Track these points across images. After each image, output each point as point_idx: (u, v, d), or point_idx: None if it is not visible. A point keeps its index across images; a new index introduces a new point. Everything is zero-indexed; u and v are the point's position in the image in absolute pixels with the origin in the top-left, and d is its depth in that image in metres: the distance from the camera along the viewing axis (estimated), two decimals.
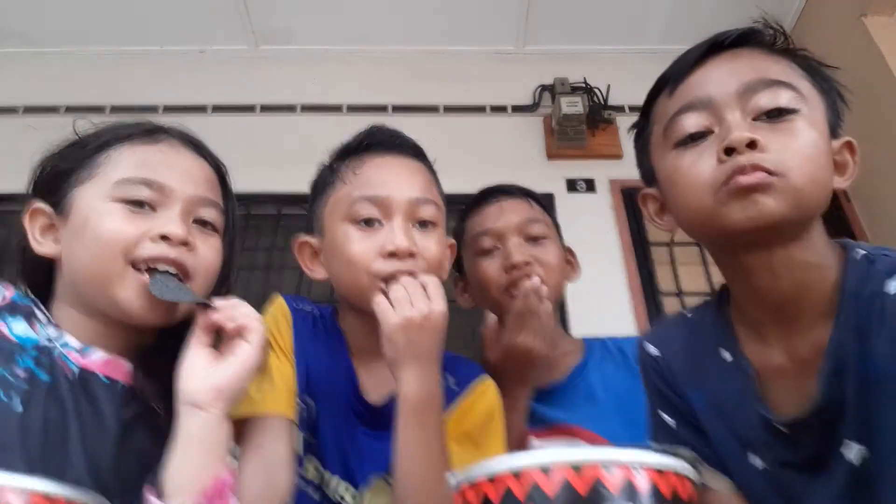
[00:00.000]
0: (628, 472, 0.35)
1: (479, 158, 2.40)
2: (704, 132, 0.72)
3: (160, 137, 0.86)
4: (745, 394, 0.76)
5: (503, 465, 0.37)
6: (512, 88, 2.72)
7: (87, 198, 0.80)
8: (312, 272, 1.02)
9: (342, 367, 0.99)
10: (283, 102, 2.65)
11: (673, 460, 0.36)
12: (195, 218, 0.83)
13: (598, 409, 1.14)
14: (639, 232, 2.37)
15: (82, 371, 0.77)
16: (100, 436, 0.75)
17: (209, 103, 2.61)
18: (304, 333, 1.00)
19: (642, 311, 2.17)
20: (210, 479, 0.66)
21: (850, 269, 0.71)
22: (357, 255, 0.92)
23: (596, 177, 2.47)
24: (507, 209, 1.23)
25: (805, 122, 0.70)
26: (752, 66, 0.73)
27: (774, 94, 0.70)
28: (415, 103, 2.65)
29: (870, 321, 0.67)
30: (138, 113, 2.53)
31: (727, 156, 0.68)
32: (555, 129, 2.53)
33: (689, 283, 2.30)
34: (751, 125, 0.70)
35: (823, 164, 0.70)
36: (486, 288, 1.20)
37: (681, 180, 0.74)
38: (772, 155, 0.67)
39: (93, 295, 0.78)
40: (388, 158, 1.00)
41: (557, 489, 0.35)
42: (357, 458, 0.92)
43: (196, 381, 0.72)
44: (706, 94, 0.73)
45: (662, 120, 0.78)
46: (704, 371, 0.81)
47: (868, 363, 0.66)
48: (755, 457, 0.75)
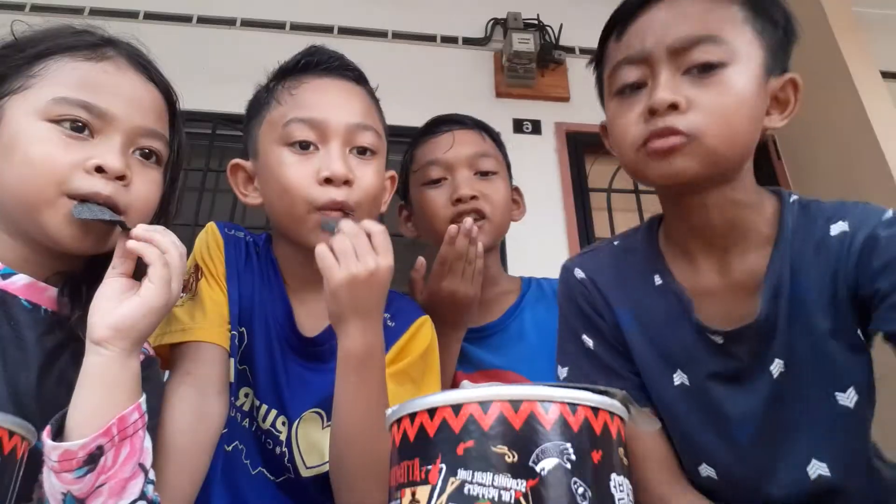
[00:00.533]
0: (563, 408, 0.36)
1: (426, 91, 2.35)
2: (639, 83, 0.78)
3: (107, 53, 0.78)
4: (676, 313, 0.83)
5: (443, 399, 0.38)
6: (464, 19, 2.65)
7: (19, 112, 0.72)
8: (246, 198, 0.98)
9: (276, 298, 0.96)
10: (223, 15, 2.49)
11: (606, 399, 0.38)
12: (136, 147, 0.78)
13: (529, 349, 1.15)
14: (579, 177, 2.41)
15: (2, 293, 0.72)
16: (21, 361, 0.71)
17: (140, 9, 2.42)
18: (237, 261, 0.96)
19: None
20: (112, 418, 0.63)
21: (787, 211, 0.80)
22: (291, 180, 0.88)
23: (542, 118, 2.47)
24: (459, 140, 1.20)
25: (734, 74, 0.74)
26: (690, 15, 0.76)
27: (704, 50, 0.74)
28: (362, 27, 2.55)
29: (807, 256, 0.76)
30: (62, 14, 2.32)
31: (650, 115, 0.75)
32: (505, 65, 2.49)
33: (623, 229, 2.37)
34: (679, 80, 0.75)
35: (747, 117, 0.75)
36: (430, 219, 1.18)
37: (614, 131, 0.82)
38: (690, 116, 0.72)
39: (19, 218, 0.73)
40: (327, 81, 0.95)
41: (492, 422, 0.36)
42: (290, 390, 0.91)
43: (97, 315, 0.67)
44: (643, 48, 0.77)
45: (609, 64, 0.83)
46: (633, 292, 0.87)
47: (800, 290, 0.75)
48: (681, 374, 0.82)
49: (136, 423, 0.65)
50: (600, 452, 0.38)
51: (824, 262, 0.75)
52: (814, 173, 2.39)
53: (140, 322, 0.67)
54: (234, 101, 2.24)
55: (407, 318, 1.01)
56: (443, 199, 1.16)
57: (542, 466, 0.35)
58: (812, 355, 0.75)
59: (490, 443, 0.36)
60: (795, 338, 0.75)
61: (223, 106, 2.17)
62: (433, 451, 0.38)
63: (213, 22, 2.48)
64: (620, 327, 0.87)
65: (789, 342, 0.75)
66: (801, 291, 0.75)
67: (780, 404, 0.76)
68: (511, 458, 0.35)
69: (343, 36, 2.52)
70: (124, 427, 0.63)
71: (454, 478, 0.36)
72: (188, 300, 0.89)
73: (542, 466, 0.35)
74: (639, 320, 0.86)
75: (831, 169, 2.31)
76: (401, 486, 0.39)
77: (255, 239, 1.02)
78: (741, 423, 0.78)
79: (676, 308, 0.83)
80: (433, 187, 1.19)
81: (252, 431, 0.91)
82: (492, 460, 0.35)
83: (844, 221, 0.75)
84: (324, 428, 0.90)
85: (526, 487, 0.34)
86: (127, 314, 0.66)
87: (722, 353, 0.79)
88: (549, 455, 0.35)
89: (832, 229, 0.76)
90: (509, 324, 1.19)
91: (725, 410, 0.79)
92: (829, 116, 2.31)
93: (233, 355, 0.90)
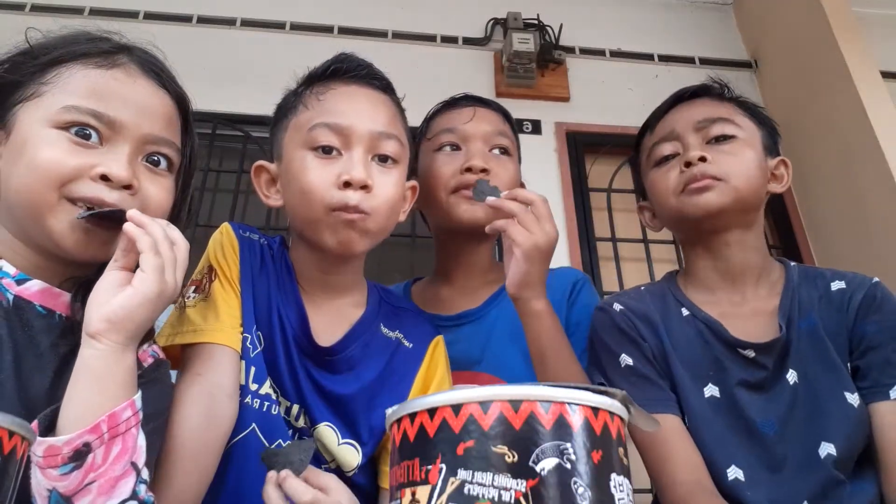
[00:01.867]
0: (563, 408, 0.36)
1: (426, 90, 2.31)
2: (672, 155, 1.06)
3: (118, 61, 0.78)
4: (706, 336, 1.01)
5: (443, 399, 0.38)
6: (464, 19, 2.65)
7: (30, 118, 0.73)
8: (268, 199, 0.98)
9: (291, 303, 0.95)
10: (223, 15, 2.48)
11: (606, 399, 0.38)
12: (145, 155, 0.78)
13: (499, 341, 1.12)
14: (579, 176, 2.41)
15: (17, 299, 0.72)
16: (36, 366, 0.71)
17: (140, 9, 2.42)
18: (252, 263, 0.95)
19: (577, 253, 2.23)
20: (103, 415, 0.62)
21: (790, 271, 1.05)
22: (312, 182, 0.89)
23: (542, 118, 2.47)
24: (480, 116, 1.18)
25: (742, 143, 1.03)
26: (705, 109, 1.07)
27: (720, 127, 1.04)
28: (362, 26, 2.55)
29: (813, 301, 0.99)
30: (62, 14, 2.33)
31: (686, 168, 1.02)
32: (505, 65, 2.49)
33: (623, 229, 2.37)
34: (703, 147, 1.03)
35: (756, 172, 1.02)
36: (433, 184, 1.14)
37: (656, 188, 1.08)
38: (717, 166, 1.00)
39: (27, 224, 0.73)
40: (354, 88, 0.96)
41: (492, 422, 0.36)
42: (311, 395, 0.90)
43: (92, 307, 0.66)
44: (673, 129, 1.07)
45: (646, 151, 1.13)
46: (666, 321, 1.05)
47: (809, 321, 0.97)
48: (712, 386, 0.98)
49: (128, 420, 0.64)
50: (600, 452, 0.38)
51: (828, 306, 0.99)
52: (814, 173, 2.38)
53: (134, 313, 0.66)
54: (234, 101, 2.27)
55: (422, 339, 1.01)
56: (452, 168, 1.13)
57: (542, 466, 0.35)
58: (822, 369, 0.94)
59: (490, 443, 0.36)
60: (806, 356, 0.95)
61: (223, 106, 2.15)
62: (433, 451, 0.38)
63: (213, 22, 2.47)
64: (663, 344, 1.02)
65: (801, 359, 0.95)
66: (810, 321, 0.97)
67: (798, 404, 0.94)
68: (511, 458, 0.35)
69: (343, 36, 2.51)
70: (115, 424, 0.63)
71: (454, 478, 0.36)
72: (201, 301, 0.89)
73: (542, 466, 0.35)
74: (672, 343, 1.02)
75: (831, 169, 2.31)
76: (401, 485, 0.39)
77: (270, 241, 1.02)
78: (766, 422, 0.94)
79: (706, 332, 1.01)
80: (445, 153, 1.16)
81: (281, 417, 0.89)
82: (492, 460, 0.35)
83: (842, 281, 1.00)
84: (339, 445, 0.90)
85: (526, 487, 0.34)
86: (120, 305, 0.66)
87: (751, 363, 0.97)
88: (548, 455, 0.35)
89: (832, 286, 1.01)
90: (489, 311, 1.17)
91: (752, 413, 0.94)
92: (829, 116, 2.31)
93: (245, 358, 0.89)
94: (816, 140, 2.38)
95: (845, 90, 2.22)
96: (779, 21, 2.61)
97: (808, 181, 2.41)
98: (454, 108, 1.22)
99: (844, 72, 2.22)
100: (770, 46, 2.67)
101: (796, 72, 2.49)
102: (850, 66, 2.21)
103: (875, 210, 2.10)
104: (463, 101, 1.23)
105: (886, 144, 2.08)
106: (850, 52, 2.24)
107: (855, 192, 2.20)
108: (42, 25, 0.81)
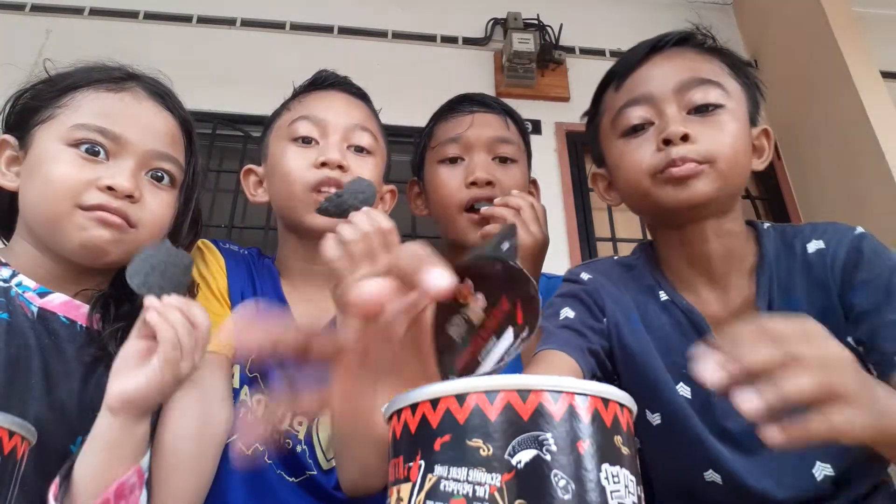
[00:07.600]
0: (542, 396, 0.35)
1: (425, 90, 2.32)
2: (645, 123, 0.86)
3: (126, 86, 0.85)
4: (684, 328, 0.87)
5: (447, 389, 0.37)
6: (464, 19, 2.64)
7: (45, 138, 0.80)
8: (254, 197, 1.07)
9: (274, 298, 0.98)
10: (223, 15, 2.49)
11: (594, 385, 0.36)
12: (149, 169, 0.84)
13: None
14: (579, 176, 2.40)
15: (41, 310, 0.77)
16: (63, 372, 0.75)
17: (140, 9, 2.42)
18: (239, 276, 0.99)
19: (577, 253, 2.23)
20: (112, 483, 0.66)
21: (765, 239, 0.88)
22: (291, 166, 0.97)
23: (542, 118, 2.47)
24: (480, 122, 1.16)
25: (729, 115, 0.84)
26: (687, 65, 0.87)
27: (705, 92, 0.84)
28: (362, 26, 2.55)
29: (793, 275, 0.84)
30: (62, 14, 2.33)
31: (665, 145, 0.83)
32: (505, 65, 2.49)
33: (623, 229, 2.37)
34: (684, 118, 0.84)
35: (743, 151, 0.85)
36: (442, 199, 1.14)
37: (625, 164, 0.88)
38: (701, 146, 0.81)
39: (43, 234, 0.79)
40: (333, 92, 1.06)
41: (468, 415, 0.36)
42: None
43: (113, 380, 0.69)
44: (648, 91, 0.86)
45: (611, 111, 0.91)
46: (639, 297, 0.92)
47: (791, 305, 0.82)
48: (685, 387, 0.86)
49: (133, 484, 0.68)
50: (587, 442, 0.36)
51: (809, 278, 0.83)
52: (814, 173, 2.38)
53: (149, 397, 0.69)
54: (234, 101, 2.28)
55: None
56: (457, 181, 1.13)
57: (519, 459, 0.34)
58: None
59: (465, 437, 0.35)
60: None
61: (223, 106, 2.17)
62: (414, 448, 0.37)
63: (213, 22, 2.47)
64: (620, 326, 0.89)
65: None
66: (792, 306, 0.82)
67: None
68: (486, 452, 0.34)
69: (343, 36, 2.51)
70: (122, 491, 0.67)
71: (431, 474, 0.35)
72: None
73: (519, 459, 0.34)
74: (645, 324, 0.90)
75: (831, 169, 2.31)
76: (390, 484, 0.39)
77: (249, 251, 1.07)
78: (749, 432, 0.78)
79: (685, 323, 0.88)
80: (448, 166, 1.16)
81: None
82: (467, 455, 0.35)
83: (819, 240, 0.84)
84: None
85: (501, 481, 0.34)
86: (136, 389, 0.69)
87: None
88: (526, 447, 0.34)
89: (809, 248, 0.85)
90: None
91: (733, 419, 0.81)
92: (829, 116, 2.30)
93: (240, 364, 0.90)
94: (816, 140, 2.38)
95: (845, 90, 2.21)
96: (779, 21, 2.60)
97: (808, 181, 2.41)
98: (455, 113, 1.21)
99: (844, 72, 2.21)
100: (770, 46, 2.66)
101: (796, 71, 2.49)
102: (850, 65, 2.20)
103: (875, 210, 2.09)
104: (463, 106, 1.21)
105: (886, 144, 2.07)
106: (850, 52, 2.23)
107: (855, 192, 2.19)
108: (42, 25, 0.85)
